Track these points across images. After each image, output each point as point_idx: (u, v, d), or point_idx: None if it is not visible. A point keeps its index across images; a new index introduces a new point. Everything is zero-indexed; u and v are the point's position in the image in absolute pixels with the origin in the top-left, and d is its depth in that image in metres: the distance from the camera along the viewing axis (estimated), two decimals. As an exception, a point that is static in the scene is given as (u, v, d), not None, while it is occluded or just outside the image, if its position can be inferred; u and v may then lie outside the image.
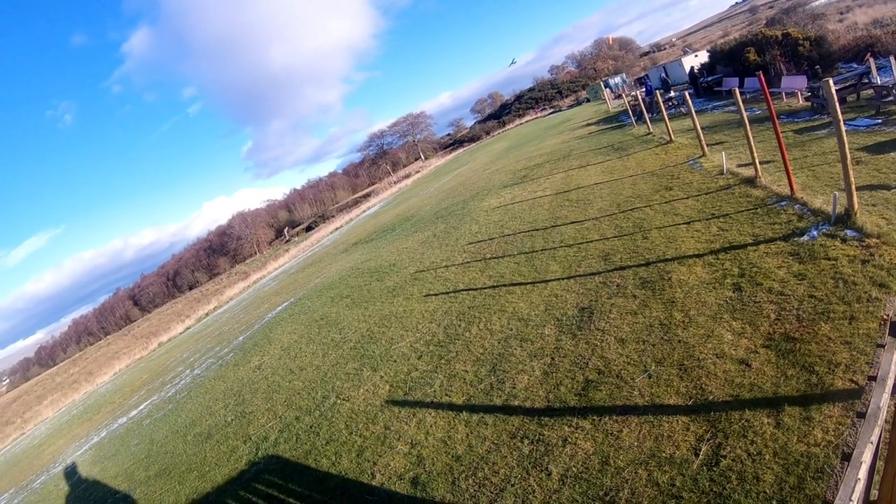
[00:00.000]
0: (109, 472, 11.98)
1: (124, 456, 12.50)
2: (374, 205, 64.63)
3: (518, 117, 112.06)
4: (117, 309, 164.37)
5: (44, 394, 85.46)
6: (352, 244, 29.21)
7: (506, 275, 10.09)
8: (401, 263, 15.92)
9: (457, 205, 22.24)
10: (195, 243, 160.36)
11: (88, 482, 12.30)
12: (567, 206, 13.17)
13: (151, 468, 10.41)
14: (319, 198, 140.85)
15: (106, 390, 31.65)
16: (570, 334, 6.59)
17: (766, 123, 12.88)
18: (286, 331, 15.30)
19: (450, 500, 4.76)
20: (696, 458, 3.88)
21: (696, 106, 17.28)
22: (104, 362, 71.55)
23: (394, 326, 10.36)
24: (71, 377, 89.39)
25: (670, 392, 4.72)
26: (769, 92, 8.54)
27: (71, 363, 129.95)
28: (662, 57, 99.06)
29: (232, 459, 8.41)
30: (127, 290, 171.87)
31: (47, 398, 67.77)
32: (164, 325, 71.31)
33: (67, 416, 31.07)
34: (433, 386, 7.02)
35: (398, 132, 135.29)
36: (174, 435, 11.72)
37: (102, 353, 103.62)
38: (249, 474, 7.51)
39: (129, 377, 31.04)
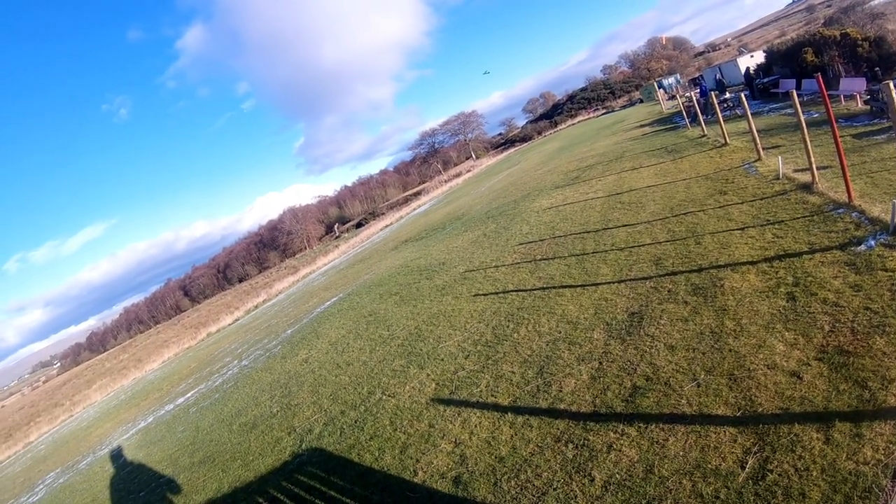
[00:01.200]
0: (155, 456, 12.48)
1: (170, 442, 13.00)
2: (424, 203, 65.04)
3: (570, 117, 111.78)
4: (168, 299, 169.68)
5: (93, 378, 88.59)
6: (402, 242, 29.51)
7: (556, 277, 10.13)
8: (450, 262, 16.08)
9: (508, 205, 22.29)
10: (246, 237, 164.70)
11: (133, 465, 12.83)
12: (619, 209, 13.12)
13: (196, 455, 10.83)
14: (370, 195, 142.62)
15: (154, 377, 32.69)
16: (619, 339, 6.60)
17: (824, 127, 12.57)
18: (334, 326, 15.62)
19: (491, 502, 4.82)
20: (742, 472, 3.87)
21: (752, 108, 16.95)
22: (153, 350, 73.76)
23: (442, 325, 10.51)
24: (120, 363, 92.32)
25: (719, 402, 4.70)
26: (827, 94, 8.34)
27: (121, 350, 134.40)
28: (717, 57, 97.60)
29: (276, 450, 8.69)
30: (178, 281, 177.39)
31: (96, 382, 70.26)
32: (214, 315, 73.16)
33: (115, 400, 32.18)
34: (479, 386, 7.12)
35: (449, 131, 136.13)
36: (220, 423, 12.14)
37: (152, 341, 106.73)
38: (292, 465, 7.75)
39: (177, 365, 32.00)
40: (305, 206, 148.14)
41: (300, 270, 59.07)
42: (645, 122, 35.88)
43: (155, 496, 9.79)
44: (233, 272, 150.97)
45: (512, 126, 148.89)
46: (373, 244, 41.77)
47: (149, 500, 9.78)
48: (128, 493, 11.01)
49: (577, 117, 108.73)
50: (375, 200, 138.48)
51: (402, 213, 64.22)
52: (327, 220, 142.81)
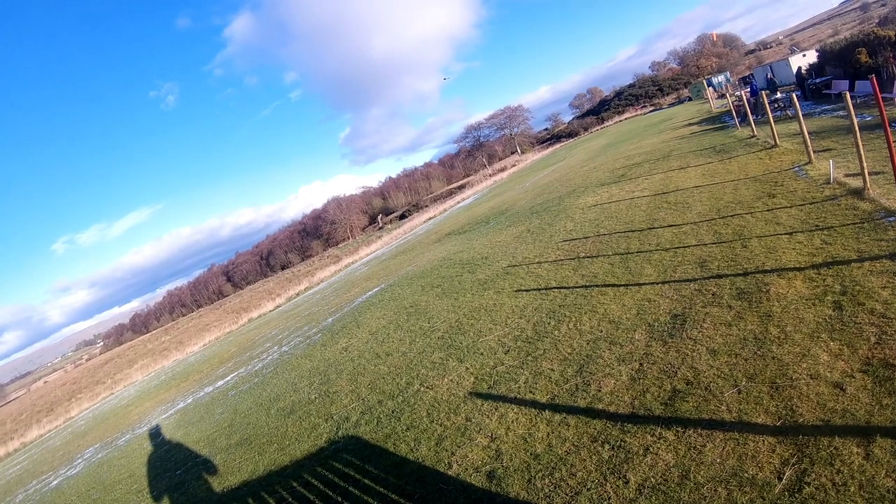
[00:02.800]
0: (192, 436, 12.92)
1: (208, 423, 13.44)
2: (468, 196, 65.15)
3: (617, 114, 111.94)
4: (211, 283, 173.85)
5: (135, 358, 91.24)
6: (445, 234, 29.65)
7: (599, 275, 10.15)
8: (493, 257, 16.17)
9: (552, 201, 22.23)
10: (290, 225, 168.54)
11: (171, 444, 13.31)
12: (665, 209, 13.04)
13: (233, 437, 11.19)
14: (414, 187, 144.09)
15: (195, 359, 33.55)
16: (660, 341, 6.62)
17: (878, 131, 12.26)
18: (375, 316, 15.87)
19: (524, 498, 4.90)
20: (778, 483, 3.87)
21: (804, 109, 16.59)
22: (195, 333, 75.63)
23: (483, 319, 10.62)
24: (162, 344, 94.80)
25: (759, 410, 4.69)
26: (882, 97, 8.15)
27: (163, 331, 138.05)
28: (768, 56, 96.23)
29: (312, 436, 8.94)
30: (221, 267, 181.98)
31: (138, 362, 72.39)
32: (255, 301, 74.57)
33: (156, 380, 33.14)
34: (518, 382, 7.21)
35: (495, 125, 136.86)
36: (258, 407, 12.51)
37: (194, 324, 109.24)
38: (328, 452, 7.96)
39: (217, 349, 32.77)
40: (349, 196, 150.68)
41: (342, 260, 59.84)
42: (693, 121, 35.46)
43: (191, 475, 10.17)
44: (276, 259, 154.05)
45: (558, 121, 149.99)
46: (416, 236, 42.03)
47: (185, 479, 10.16)
48: (164, 471, 11.44)
49: (624, 114, 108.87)
50: (419, 192, 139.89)
51: (446, 206, 64.47)
52: (371, 210, 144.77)
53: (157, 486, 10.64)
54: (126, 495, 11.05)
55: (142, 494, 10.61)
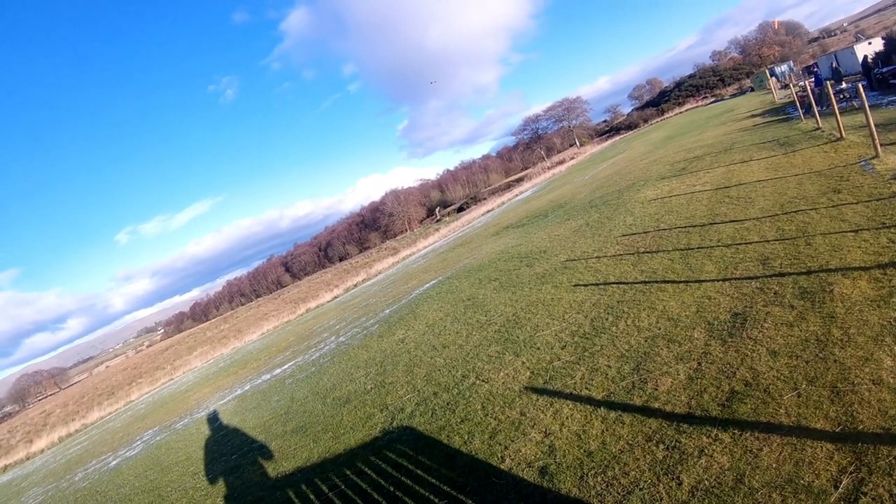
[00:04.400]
0: (249, 422, 13.37)
1: (265, 410, 13.88)
2: (526, 189, 64.96)
3: (677, 105, 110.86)
4: (270, 274, 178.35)
5: (194, 345, 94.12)
6: (503, 228, 29.64)
7: (658, 271, 10.08)
8: (551, 251, 16.15)
9: (611, 194, 22.01)
10: (348, 217, 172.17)
11: (228, 429, 13.80)
12: (726, 203, 12.84)
13: (289, 424, 11.55)
14: (472, 180, 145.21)
15: (253, 348, 34.41)
16: (719, 340, 6.56)
17: None
18: (432, 308, 16.06)
19: (575, 495, 4.95)
20: (834, 491, 3.81)
21: (870, 100, 15.95)
22: (253, 322, 77.52)
23: (540, 313, 10.66)
24: (221, 333, 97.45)
25: (818, 415, 4.62)
26: None
27: (222, 320, 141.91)
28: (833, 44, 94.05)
29: (367, 426, 9.17)
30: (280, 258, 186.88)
31: (197, 349, 74.71)
32: (313, 292, 76.00)
33: (214, 367, 34.14)
34: (574, 378, 7.25)
35: (553, 117, 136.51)
36: (314, 396, 12.86)
37: (252, 313, 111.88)
38: (382, 442, 8.16)
39: (275, 338, 33.55)
40: (407, 189, 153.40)
41: (400, 252, 60.38)
42: (756, 112, 34.59)
43: (246, 460, 10.56)
44: (334, 251, 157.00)
45: (617, 113, 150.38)
46: (473, 229, 42.10)
47: (240, 463, 10.55)
48: (220, 455, 11.90)
49: (684, 105, 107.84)
50: (477, 185, 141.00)
51: (504, 199, 64.41)
52: (429, 203, 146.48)
53: (213, 470, 11.10)
54: (182, 477, 11.54)
55: (197, 477, 11.07)
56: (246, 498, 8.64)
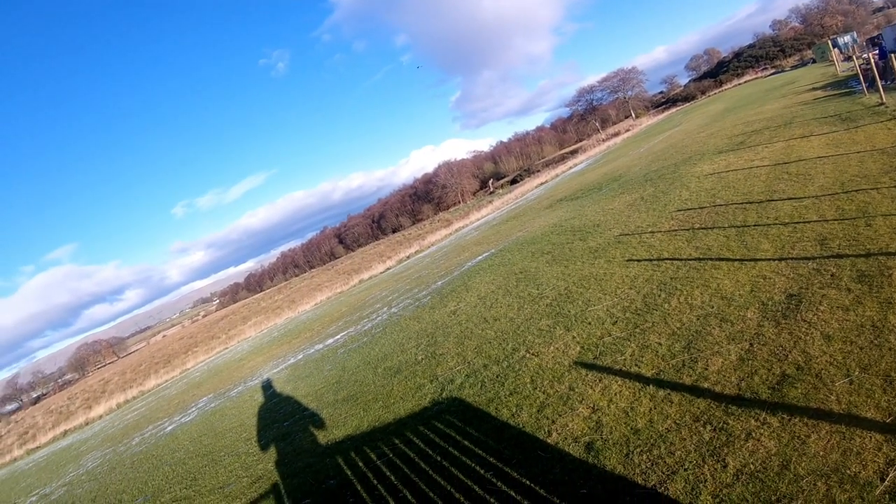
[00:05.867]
0: (301, 390, 13.82)
1: (317, 378, 14.32)
2: (580, 162, 64.16)
3: (736, 76, 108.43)
4: (323, 245, 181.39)
5: (248, 315, 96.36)
6: (556, 201, 29.41)
7: (713, 248, 9.99)
8: (605, 224, 16.06)
9: (667, 168, 21.65)
10: (401, 189, 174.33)
11: (281, 397, 14.29)
12: (785, 180, 12.58)
13: (340, 393, 11.91)
14: (525, 151, 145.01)
15: (306, 318, 35.12)
16: (773, 321, 6.50)
17: None
18: (484, 280, 16.15)
19: (620, 472, 5.02)
20: (880, 484, 3.78)
21: None
22: (306, 293, 78.95)
23: (592, 288, 10.67)
24: (275, 303, 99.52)
25: (870, 404, 4.57)
26: None
27: (276, 291, 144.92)
28: None
29: (417, 396, 9.40)
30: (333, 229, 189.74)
31: (251, 319, 76.50)
32: (366, 263, 76.93)
33: (268, 337, 34.99)
34: (624, 354, 7.29)
35: (608, 88, 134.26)
36: (365, 366, 13.18)
37: (306, 284, 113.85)
38: (431, 412, 8.37)
39: (328, 308, 34.16)
40: (460, 161, 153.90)
41: (453, 224, 60.50)
42: (817, 85, 33.50)
43: (298, 427, 10.96)
44: (387, 222, 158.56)
45: (674, 84, 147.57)
46: (527, 201, 41.87)
47: (292, 430, 10.96)
48: (273, 422, 12.35)
49: (743, 77, 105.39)
50: (531, 157, 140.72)
51: (558, 172, 63.78)
52: (482, 175, 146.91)
53: (266, 436, 11.53)
54: (236, 443, 12.02)
55: (250, 443, 11.52)
56: (297, 464, 8.98)
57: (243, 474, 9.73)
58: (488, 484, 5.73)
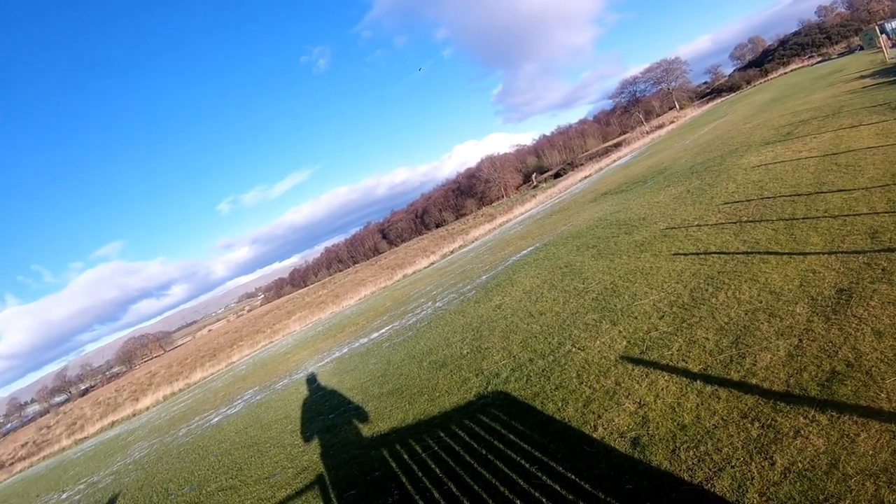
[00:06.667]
0: (346, 384, 14.05)
1: (362, 372, 14.53)
2: (624, 155, 63.52)
3: (781, 65, 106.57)
4: (367, 240, 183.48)
5: (293, 310, 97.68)
6: (601, 194, 29.18)
7: (761, 241, 9.86)
8: (651, 218, 15.93)
9: (713, 160, 21.34)
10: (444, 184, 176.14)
11: (325, 390, 14.55)
12: (834, 171, 12.32)
13: (385, 386, 12.07)
14: (569, 145, 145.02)
15: (350, 312, 35.48)
16: (822, 316, 6.42)
17: None
18: (529, 275, 16.16)
19: (666, 468, 5.04)
20: None
21: None
22: (350, 287, 79.68)
23: (638, 282, 10.64)
24: (319, 298, 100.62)
25: None
26: None
27: (320, 286, 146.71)
28: None
29: (462, 390, 9.49)
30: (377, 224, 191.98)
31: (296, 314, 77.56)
32: (410, 258, 77.30)
33: (313, 331, 35.44)
34: (671, 349, 7.28)
35: (651, 79, 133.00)
36: (410, 359, 13.34)
37: (350, 279, 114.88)
38: (476, 406, 8.46)
39: (373, 303, 34.45)
40: (504, 155, 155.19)
41: (497, 218, 60.40)
42: (866, 73, 32.71)
43: (343, 419, 11.17)
44: (430, 217, 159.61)
45: (718, 74, 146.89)
46: (571, 195, 41.62)
47: (337, 422, 11.18)
48: (318, 414, 12.60)
49: (789, 65, 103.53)
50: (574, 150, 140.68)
51: (602, 165, 63.23)
52: (525, 169, 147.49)
53: (311, 428, 11.78)
54: (281, 434, 12.29)
55: (295, 434, 11.78)
56: (342, 455, 9.17)
57: (288, 465, 9.96)
58: (533, 478, 5.80)
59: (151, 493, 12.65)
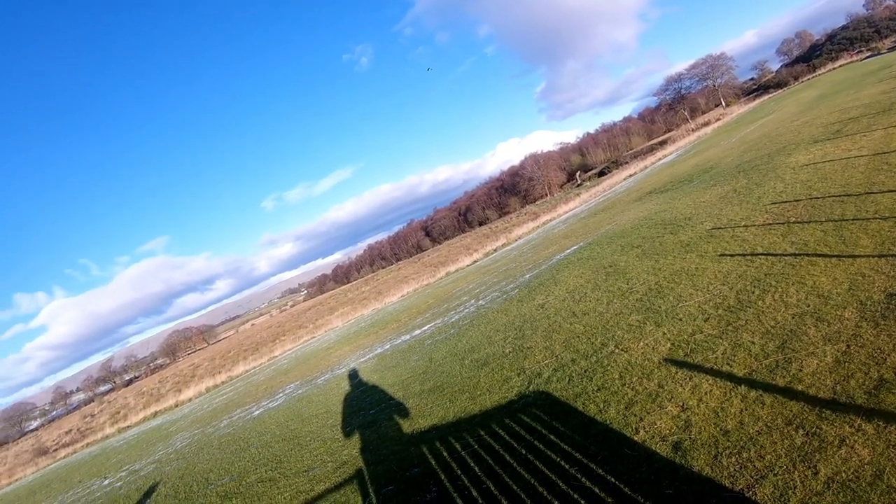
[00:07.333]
0: (387, 380, 14.21)
1: (403, 369, 14.67)
2: (670, 153, 62.74)
3: (830, 60, 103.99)
4: (410, 238, 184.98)
5: (336, 306, 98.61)
6: (645, 193, 28.89)
7: (809, 243, 9.72)
8: (696, 218, 15.77)
9: (760, 159, 20.98)
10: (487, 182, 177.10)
11: (367, 386, 14.73)
12: (885, 171, 12.04)
13: (426, 383, 12.18)
14: (613, 143, 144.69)
15: (393, 309, 35.69)
16: (871, 322, 6.32)
17: None
18: (573, 274, 16.10)
19: (707, 474, 5.03)
20: None
21: None
22: (393, 284, 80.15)
23: (683, 283, 10.57)
24: (361, 294, 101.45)
25: None
26: None
27: (363, 282, 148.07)
28: None
29: (503, 388, 9.54)
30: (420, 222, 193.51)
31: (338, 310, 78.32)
32: (453, 256, 77.44)
33: (355, 327, 35.73)
34: (716, 352, 7.23)
35: (697, 75, 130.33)
36: (452, 357, 13.43)
37: (392, 276, 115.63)
38: (517, 405, 8.51)
39: (415, 300, 34.62)
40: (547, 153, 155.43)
41: (540, 217, 60.18)
42: None
43: (384, 415, 11.32)
44: (473, 215, 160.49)
45: (765, 70, 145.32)
46: (615, 194, 41.26)
47: (377, 418, 11.33)
48: (359, 409, 12.78)
49: (837, 60, 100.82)
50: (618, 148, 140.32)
51: (647, 163, 62.55)
52: (569, 167, 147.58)
53: (351, 423, 11.96)
54: (321, 429, 12.51)
55: (336, 429, 11.98)
56: (381, 451, 9.30)
57: (328, 459, 10.15)
58: (572, 479, 5.84)
59: (192, 482, 13.00)
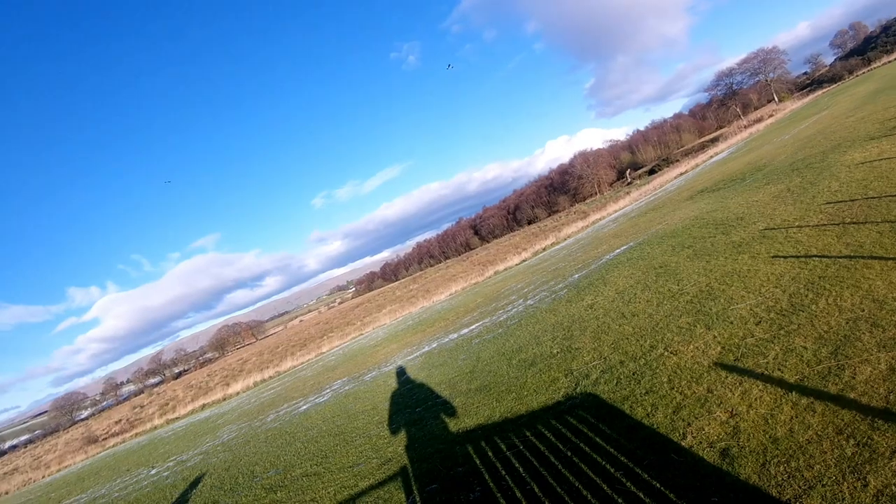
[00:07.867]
0: (434, 378, 14.33)
1: (450, 367, 14.77)
2: (722, 150, 61.65)
3: (885, 53, 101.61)
4: (458, 236, 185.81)
5: (384, 303, 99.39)
6: (696, 192, 28.47)
7: (865, 245, 9.48)
8: (749, 218, 15.49)
9: (814, 156, 20.46)
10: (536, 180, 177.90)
11: (414, 384, 14.88)
12: None
13: (473, 382, 12.26)
14: (663, 140, 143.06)
15: (441, 308, 35.91)
16: (929, 329, 6.14)
17: None
18: (622, 274, 16.00)
19: (754, 483, 4.99)
20: None
21: None
22: (441, 283, 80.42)
23: (735, 285, 10.43)
24: (410, 292, 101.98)
25: None
26: None
27: (411, 280, 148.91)
28: None
29: (550, 389, 9.56)
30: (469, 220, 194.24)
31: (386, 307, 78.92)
32: (501, 255, 77.41)
33: (403, 325, 36.03)
34: (767, 357, 7.14)
35: (748, 70, 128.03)
36: (499, 357, 13.47)
37: (441, 274, 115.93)
38: (564, 407, 8.52)
39: (463, 299, 34.76)
40: (597, 151, 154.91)
41: (590, 216, 59.80)
42: None
43: (430, 413, 11.44)
44: (522, 214, 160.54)
45: (819, 64, 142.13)
46: (665, 192, 40.75)
47: (423, 416, 11.46)
48: (405, 407, 12.94)
49: (893, 53, 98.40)
50: (669, 146, 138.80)
51: (698, 161, 61.71)
52: (618, 165, 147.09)
53: (397, 420, 12.12)
54: (367, 425, 12.70)
55: (382, 426, 12.16)
56: (427, 449, 9.41)
57: (373, 455, 10.31)
58: (617, 483, 5.85)
59: (238, 474, 13.32)
